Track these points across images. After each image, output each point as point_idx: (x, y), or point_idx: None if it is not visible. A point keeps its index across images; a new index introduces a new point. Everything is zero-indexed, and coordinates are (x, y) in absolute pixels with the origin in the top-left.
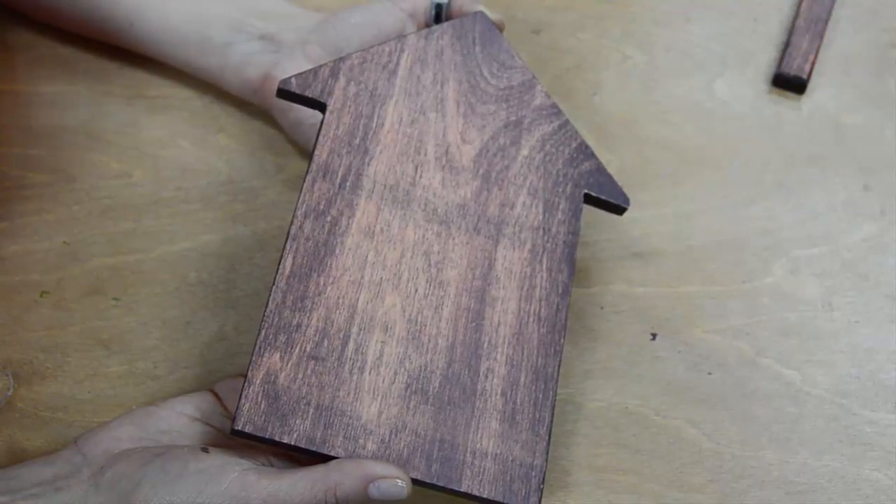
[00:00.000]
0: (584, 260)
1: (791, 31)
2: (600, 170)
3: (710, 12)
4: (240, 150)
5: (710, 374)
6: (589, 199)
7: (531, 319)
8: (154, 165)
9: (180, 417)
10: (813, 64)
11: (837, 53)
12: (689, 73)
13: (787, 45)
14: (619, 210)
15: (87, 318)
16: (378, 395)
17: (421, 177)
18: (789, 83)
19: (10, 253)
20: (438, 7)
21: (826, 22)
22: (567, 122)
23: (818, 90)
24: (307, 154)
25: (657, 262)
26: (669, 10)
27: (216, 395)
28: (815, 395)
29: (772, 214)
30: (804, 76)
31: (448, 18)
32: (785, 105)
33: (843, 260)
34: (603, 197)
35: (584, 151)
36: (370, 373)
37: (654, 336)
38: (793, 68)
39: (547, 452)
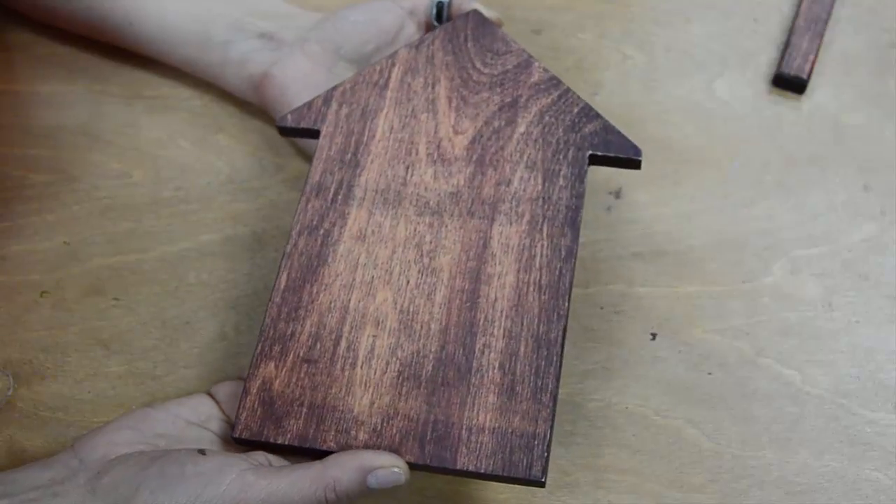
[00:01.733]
0: (584, 260)
1: (791, 31)
2: (607, 128)
3: (710, 12)
4: (240, 150)
5: (710, 374)
6: (597, 160)
7: (531, 289)
8: (154, 165)
9: (177, 421)
10: (813, 64)
11: (837, 53)
12: (689, 73)
13: (787, 45)
14: (632, 164)
15: (87, 318)
16: (370, 387)
17: (412, 175)
18: (789, 83)
19: (11, 253)
20: (439, 5)
21: (826, 22)
22: (567, 90)
23: (818, 90)
24: (306, 155)
25: (657, 262)
26: (669, 10)
27: (213, 397)
28: (815, 395)
29: (772, 214)
30: (804, 76)
31: (449, 17)
32: (785, 105)
33: (843, 260)
34: (611, 154)
35: (588, 114)
36: (361, 367)
37: (654, 336)
38: (793, 68)
39: (552, 419)
